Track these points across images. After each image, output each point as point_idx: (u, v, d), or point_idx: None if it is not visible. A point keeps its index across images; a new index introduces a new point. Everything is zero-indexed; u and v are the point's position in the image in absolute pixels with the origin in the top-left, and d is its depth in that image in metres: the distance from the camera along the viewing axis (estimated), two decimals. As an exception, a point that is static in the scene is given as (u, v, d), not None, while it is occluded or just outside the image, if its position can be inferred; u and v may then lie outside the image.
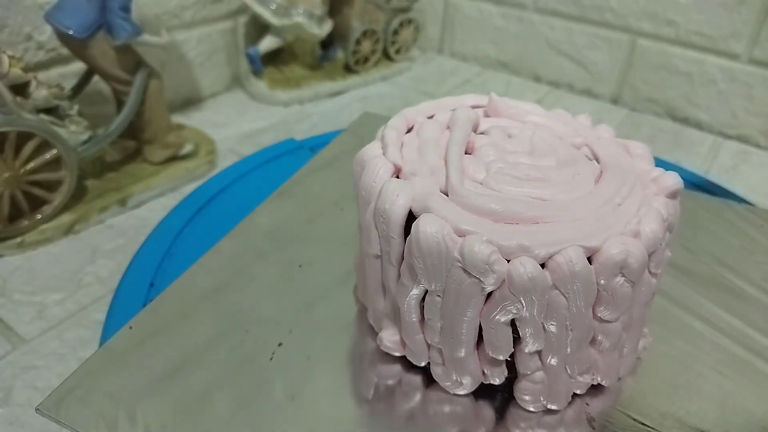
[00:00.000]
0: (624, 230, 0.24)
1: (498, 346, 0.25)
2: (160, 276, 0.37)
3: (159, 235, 0.41)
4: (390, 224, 0.25)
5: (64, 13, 0.42)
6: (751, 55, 0.59)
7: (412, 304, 0.26)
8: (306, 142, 0.54)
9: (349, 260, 0.35)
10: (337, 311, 0.33)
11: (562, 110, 0.32)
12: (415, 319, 0.27)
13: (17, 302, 0.37)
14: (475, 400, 0.28)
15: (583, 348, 0.26)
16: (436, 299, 0.25)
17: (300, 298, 0.33)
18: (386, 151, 0.27)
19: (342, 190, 0.42)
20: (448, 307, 0.25)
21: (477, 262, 0.22)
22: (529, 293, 0.23)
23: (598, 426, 0.28)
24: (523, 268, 0.22)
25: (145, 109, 0.47)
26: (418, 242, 0.23)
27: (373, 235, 0.26)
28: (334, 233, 0.38)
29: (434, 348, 0.27)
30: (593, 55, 0.69)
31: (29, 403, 0.31)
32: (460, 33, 0.79)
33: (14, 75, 0.40)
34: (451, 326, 0.25)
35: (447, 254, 0.23)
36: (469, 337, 0.25)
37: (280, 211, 0.40)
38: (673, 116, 0.66)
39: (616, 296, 0.24)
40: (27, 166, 0.40)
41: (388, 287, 0.27)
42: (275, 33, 0.63)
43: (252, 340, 0.30)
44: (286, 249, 0.37)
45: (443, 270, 0.24)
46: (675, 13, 0.62)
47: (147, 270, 0.38)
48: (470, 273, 0.23)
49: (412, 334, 0.27)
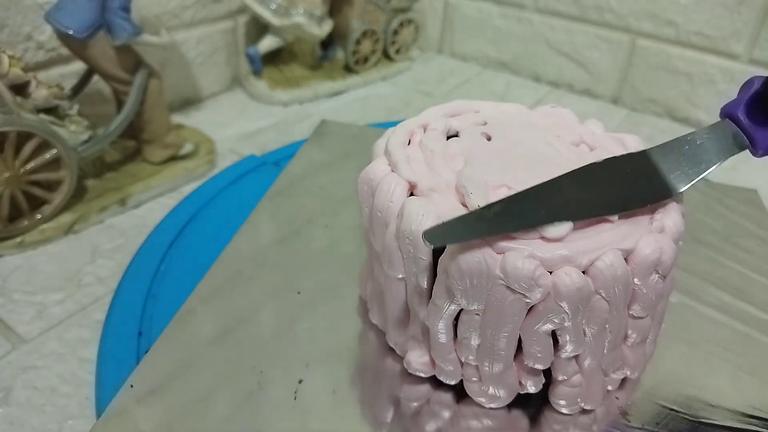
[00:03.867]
0: (651, 227, 0.24)
1: (540, 357, 0.25)
2: (160, 276, 0.37)
3: (159, 235, 0.41)
4: (419, 246, 0.24)
5: (64, 13, 0.42)
6: (751, 56, 0.59)
7: (446, 324, 0.25)
8: (268, 157, 0.51)
9: (347, 281, 0.34)
10: (348, 337, 0.31)
11: (547, 107, 0.33)
12: (448, 338, 0.26)
13: (17, 302, 0.37)
14: (508, 410, 0.28)
15: (617, 346, 0.26)
16: (474, 318, 0.24)
17: (307, 329, 0.31)
18: (397, 168, 0.26)
19: (320, 207, 0.41)
20: (489, 324, 0.24)
21: (522, 278, 0.22)
22: (575, 302, 0.23)
23: (633, 418, 0.28)
24: (569, 278, 0.22)
25: (145, 109, 0.47)
26: (458, 263, 0.22)
27: (395, 257, 0.25)
28: (325, 253, 0.37)
29: (469, 365, 0.27)
30: (593, 55, 0.69)
31: (29, 403, 0.31)
32: (460, 33, 0.79)
33: (14, 75, 0.40)
34: (490, 343, 0.25)
35: (488, 273, 0.22)
36: (509, 352, 0.25)
37: (261, 233, 0.39)
38: (673, 116, 0.66)
39: (651, 293, 0.24)
40: (27, 166, 0.40)
41: (415, 309, 0.26)
42: (275, 33, 0.63)
43: (269, 382, 0.28)
44: (278, 274, 0.35)
45: (484, 288, 0.23)
46: (675, 13, 0.62)
47: (147, 270, 0.38)
48: (514, 289, 0.23)
49: (444, 354, 0.27)
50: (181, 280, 0.37)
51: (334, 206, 0.42)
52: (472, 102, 0.32)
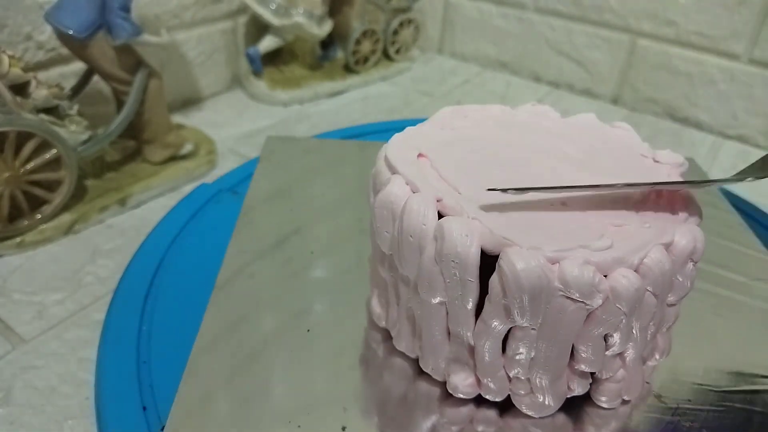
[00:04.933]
0: (678, 218, 0.25)
1: (593, 360, 0.25)
2: (159, 276, 0.37)
3: (159, 235, 0.41)
4: (467, 267, 0.23)
5: (64, 13, 0.42)
6: (751, 56, 0.59)
7: (495, 343, 0.25)
8: (220, 184, 0.46)
9: (351, 308, 0.33)
10: (379, 370, 0.30)
11: (528, 104, 0.33)
12: (496, 356, 0.26)
13: (17, 302, 0.37)
14: (552, 415, 0.28)
15: (654, 336, 0.27)
16: (529, 333, 0.24)
17: (330, 369, 0.30)
18: (421, 189, 0.25)
19: (294, 235, 0.39)
20: (544, 337, 0.24)
21: (583, 286, 0.22)
22: (632, 303, 0.23)
23: (668, 399, 0.29)
24: (627, 280, 0.22)
25: (145, 109, 0.47)
26: (518, 280, 0.22)
27: (436, 282, 0.24)
28: (321, 283, 0.35)
29: (518, 379, 0.26)
30: (593, 55, 0.69)
31: (29, 403, 0.31)
32: (460, 33, 0.79)
33: (14, 75, 0.40)
34: (545, 355, 0.25)
35: (548, 285, 0.22)
36: (563, 361, 0.25)
37: (247, 266, 0.36)
38: (673, 116, 0.66)
39: (687, 281, 0.25)
40: (27, 166, 0.40)
41: (458, 332, 0.26)
42: (275, 33, 0.63)
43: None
44: (279, 311, 0.33)
45: (542, 302, 0.23)
46: (675, 13, 0.62)
47: (147, 270, 0.38)
48: (574, 299, 0.22)
49: (493, 372, 0.26)
50: (180, 279, 0.37)
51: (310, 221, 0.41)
52: (457, 108, 0.32)
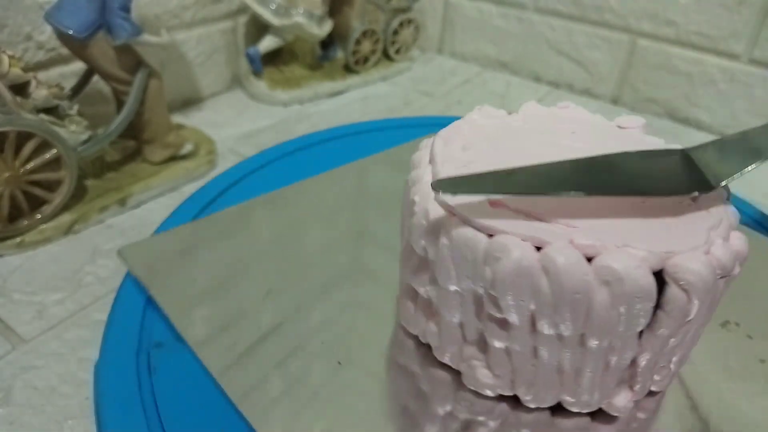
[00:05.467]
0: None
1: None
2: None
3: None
4: (650, 295, 0.23)
5: (64, 13, 0.42)
6: (751, 56, 0.59)
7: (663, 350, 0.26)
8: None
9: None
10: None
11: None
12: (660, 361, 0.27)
13: (17, 302, 0.37)
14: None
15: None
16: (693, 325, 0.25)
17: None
18: (546, 239, 0.23)
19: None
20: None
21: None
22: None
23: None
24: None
25: (145, 109, 0.47)
26: (705, 284, 0.23)
27: (612, 324, 0.24)
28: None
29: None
30: (593, 55, 0.69)
31: (29, 403, 0.31)
32: (460, 33, 0.79)
33: (14, 75, 0.39)
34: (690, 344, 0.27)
35: (714, 283, 0.23)
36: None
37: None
38: (673, 116, 0.66)
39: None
40: (27, 166, 0.40)
41: (623, 357, 0.26)
42: (275, 33, 0.63)
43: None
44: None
45: (710, 299, 0.24)
46: (675, 13, 0.62)
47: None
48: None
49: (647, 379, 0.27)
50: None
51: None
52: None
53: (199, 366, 0.30)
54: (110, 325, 0.33)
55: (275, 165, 0.50)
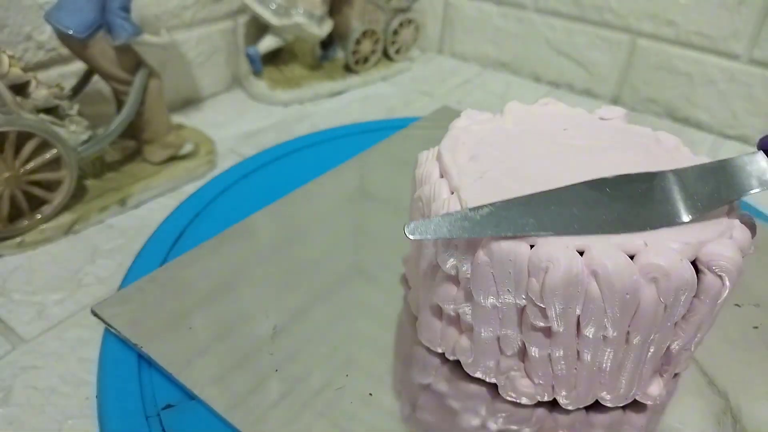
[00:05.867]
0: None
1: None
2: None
3: (161, 235, 0.41)
4: (693, 286, 0.24)
5: (64, 13, 0.42)
6: (751, 56, 0.59)
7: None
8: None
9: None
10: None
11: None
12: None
13: (17, 302, 0.37)
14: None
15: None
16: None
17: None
18: (589, 246, 0.24)
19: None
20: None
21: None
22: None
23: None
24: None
25: (145, 109, 0.47)
26: (739, 270, 0.24)
27: (659, 319, 0.24)
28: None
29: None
30: (593, 55, 0.69)
31: (29, 403, 0.31)
32: (460, 33, 0.79)
33: (14, 75, 0.39)
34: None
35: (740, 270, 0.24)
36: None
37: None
38: (673, 116, 0.66)
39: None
40: (27, 166, 0.40)
41: (660, 348, 0.26)
42: (275, 33, 0.63)
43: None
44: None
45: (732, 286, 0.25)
46: (675, 13, 0.62)
47: (149, 270, 0.38)
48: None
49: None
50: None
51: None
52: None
53: (220, 420, 0.28)
54: (105, 393, 0.30)
55: (275, 165, 0.50)
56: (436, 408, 0.29)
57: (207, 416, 0.28)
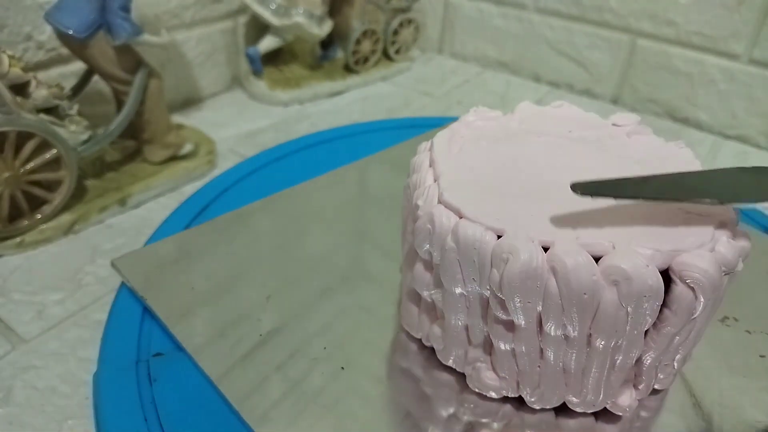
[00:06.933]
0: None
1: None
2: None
3: (161, 235, 0.41)
4: (658, 294, 0.23)
5: (64, 13, 0.41)
6: (751, 56, 0.59)
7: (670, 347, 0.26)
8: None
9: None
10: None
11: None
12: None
13: (17, 302, 0.37)
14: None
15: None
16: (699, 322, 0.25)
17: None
18: (555, 241, 0.24)
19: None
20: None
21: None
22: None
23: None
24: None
25: (145, 109, 0.47)
26: (712, 282, 0.23)
27: (621, 323, 0.24)
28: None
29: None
30: (593, 55, 0.69)
31: (29, 403, 0.31)
32: (460, 33, 0.79)
33: (14, 75, 0.39)
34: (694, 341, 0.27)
35: (720, 279, 0.24)
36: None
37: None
38: (673, 116, 0.66)
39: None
40: (27, 166, 0.40)
41: (629, 356, 0.26)
42: (275, 33, 0.63)
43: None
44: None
45: (717, 294, 0.24)
46: (675, 13, 0.62)
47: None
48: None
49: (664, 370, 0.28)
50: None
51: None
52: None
53: (200, 374, 0.30)
54: (107, 336, 0.33)
55: (275, 165, 0.50)
56: (412, 394, 0.29)
57: (190, 368, 0.31)
